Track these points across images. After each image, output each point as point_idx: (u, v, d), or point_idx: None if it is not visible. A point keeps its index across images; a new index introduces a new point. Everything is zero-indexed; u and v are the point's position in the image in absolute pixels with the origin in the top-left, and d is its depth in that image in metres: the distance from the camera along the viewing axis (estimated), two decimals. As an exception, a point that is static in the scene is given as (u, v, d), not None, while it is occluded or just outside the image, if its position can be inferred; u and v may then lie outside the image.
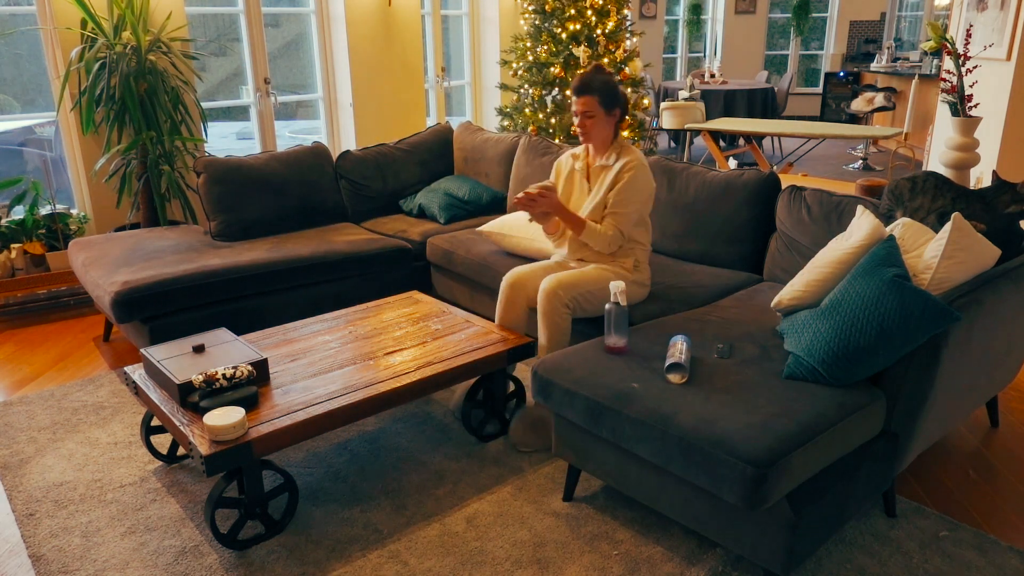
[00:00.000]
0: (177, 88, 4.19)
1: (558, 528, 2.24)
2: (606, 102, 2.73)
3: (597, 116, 2.74)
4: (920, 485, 2.44)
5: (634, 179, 2.72)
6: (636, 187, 2.73)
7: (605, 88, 2.73)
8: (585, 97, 2.72)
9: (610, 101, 2.74)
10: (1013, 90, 4.49)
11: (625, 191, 2.73)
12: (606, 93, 2.73)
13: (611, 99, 2.74)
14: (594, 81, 2.72)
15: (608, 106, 2.74)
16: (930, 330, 1.94)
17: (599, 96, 2.72)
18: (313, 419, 2.18)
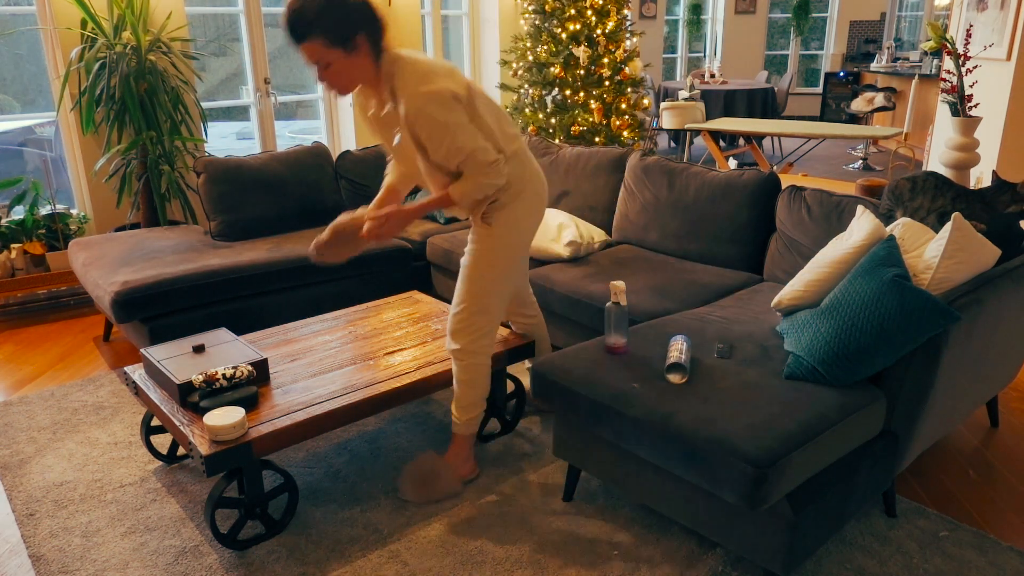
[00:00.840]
0: (177, 88, 4.19)
1: (558, 528, 2.24)
2: (336, 37, 1.97)
3: (334, 61, 2.01)
4: (920, 485, 2.44)
5: (425, 119, 2.05)
6: (436, 123, 2.06)
7: (326, 17, 1.94)
8: (305, 45, 1.98)
9: (340, 32, 1.96)
10: (1013, 90, 4.49)
11: (432, 136, 2.08)
12: (331, 25, 1.95)
13: (341, 29, 1.96)
14: (306, 13, 1.94)
15: (341, 41, 1.98)
16: (930, 330, 1.94)
17: (323, 34, 1.96)
18: (313, 419, 2.18)
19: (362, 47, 2.02)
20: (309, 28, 1.96)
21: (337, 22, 1.96)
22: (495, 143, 2.21)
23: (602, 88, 5.42)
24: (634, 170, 3.51)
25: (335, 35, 1.97)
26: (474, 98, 2.17)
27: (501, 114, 2.30)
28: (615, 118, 5.46)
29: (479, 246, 2.32)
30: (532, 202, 2.34)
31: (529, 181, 2.33)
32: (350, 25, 1.98)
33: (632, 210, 3.49)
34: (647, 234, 3.43)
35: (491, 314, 2.36)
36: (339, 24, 1.96)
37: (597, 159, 3.69)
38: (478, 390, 2.41)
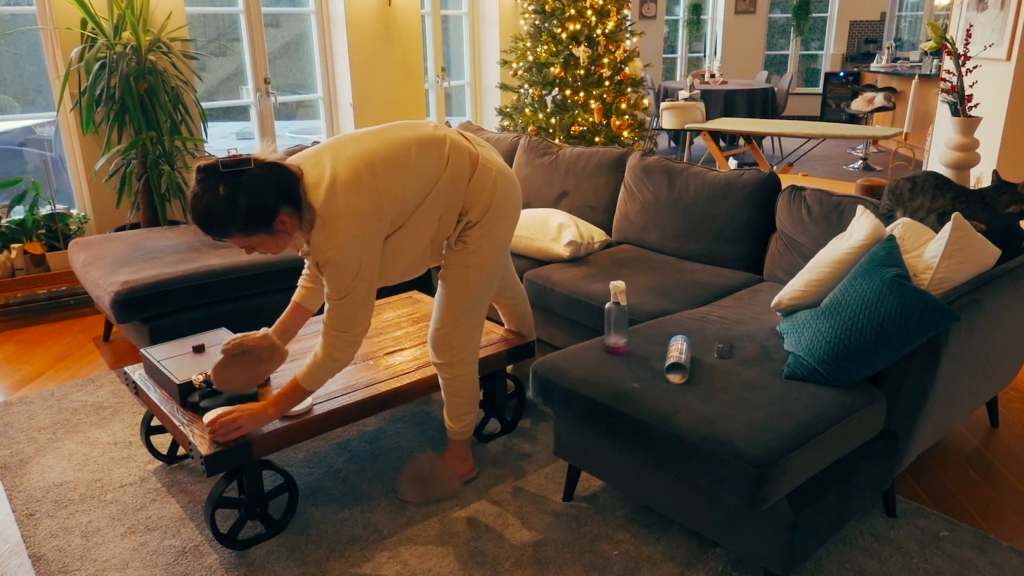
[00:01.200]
0: (177, 88, 4.19)
1: (558, 528, 2.24)
2: (254, 224, 1.84)
3: (261, 242, 1.91)
4: (920, 485, 2.44)
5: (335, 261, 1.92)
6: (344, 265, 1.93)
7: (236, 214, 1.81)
8: (228, 238, 1.86)
9: (258, 220, 1.84)
10: (1013, 90, 4.49)
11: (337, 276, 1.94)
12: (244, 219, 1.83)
13: (257, 218, 1.84)
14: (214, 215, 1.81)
15: (260, 225, 1.85)
16: (930, 330, 1.94)
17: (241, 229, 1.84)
18: (313, 419, 2.18)
19: (287, 221, 1.89)
20: (224, 230, 1.84)
21: (250, 215, 1.82)
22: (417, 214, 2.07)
23: (602, 88, 5.42)
24: (634, 170, 3.51)
25: (253, 226, 1.85)
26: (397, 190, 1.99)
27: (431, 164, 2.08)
28: (615, 118, 5.46)
29: (457, 264, 2.23)
30: (504, 209, 2.23)
31: (495, 192, 2.20)
32: (266, 211, 1.84)
33: (632, 210, 3.49)
34: (647, 234, 3.43)
35: (473, 324, 2.30)
36: (253, 216, 1.83)
37: (597, 159, 3.69)
38: (467, 398, 2.38)
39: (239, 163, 1.82)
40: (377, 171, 1.97)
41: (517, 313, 2.77)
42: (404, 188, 2.02)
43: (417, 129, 2.11)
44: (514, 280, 2.74)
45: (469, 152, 2.18)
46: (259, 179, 1.83)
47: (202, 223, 1.83)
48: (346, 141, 2.03)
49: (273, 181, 1.85)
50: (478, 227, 2.20)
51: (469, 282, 2.25)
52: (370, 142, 2.02)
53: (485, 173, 2.18)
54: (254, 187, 1.82)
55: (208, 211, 1.81)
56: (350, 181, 1.92)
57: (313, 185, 1.91)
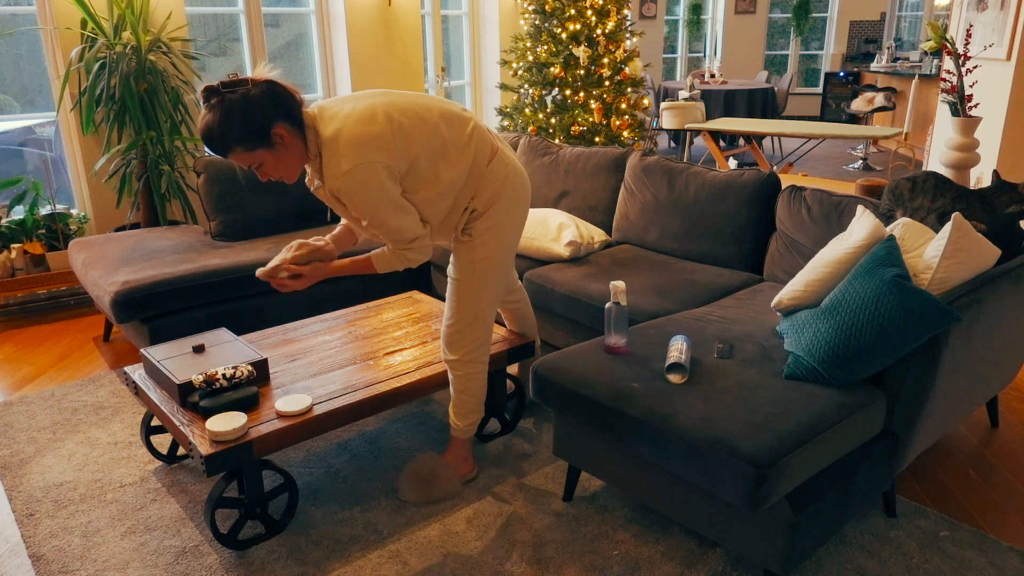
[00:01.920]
0: (177, 88, 4.19)
1: (558, 528, 2.24)
2: (253, 141, 1.93)
3: (265, 160, 1.97)
4: (920, 485, 2.44)
5: (350, 192, 1.98)
6: (359, 193, 1.99)
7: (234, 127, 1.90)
8: (231, 156, 1.96)
9: (252, 133, 1.91)
10: (1013, 90, 4.49)
11: (356, 204, 2.01)
12: (239, 131, 1.90)
13: (251, 131, 1.91)
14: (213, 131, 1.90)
15: (261, 141, 1.93)
16: (930, 330, 1.94)
17: (239, 144, 1.92)
18: (313, 419, 2.18)
19: (284, 135, 1.96)
20: (225, 144, 1.93)
21: (246, 126, 1.90)
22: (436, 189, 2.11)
23: (602, 88, 5.42)
24: (634, 170, 3.51)
25: (251, 139, 1.93)
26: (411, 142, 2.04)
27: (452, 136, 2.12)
28: (615, 118, 5.46)
29: (463, 259, 2.27)
30: (512, 204, 2.25)
31: (505, 185, 2.23)
32: (260, 123, 1.92)
33: (632, 210, 3.49)
34: (647, 234, 3.43)
35: (485, 323, 2.33)
36: (248, 127, 1.91)
37: (597, 159, 3.69)
38: (476, 397, 2.40)
39: (236, 83, 1.92)
40: (392, 117, 2.03)
41: (519, 315, 2.77)
42: (420, 143, 2.06)
43: (446, 103, 2.18)
44: (516, 283, 2.75)
45: (491, 141, 2.23)
46: (253, 96, 1.91)
47: (206, 140, 1.93)
48: (376, 91, 2.11)
49: (267, 96, 1.93)
50: (483, 219, 2.22)
51: (476, 277, 2.27)
52: (397, 97, 2.10)
53: (501, 164, 2.23)
54: (248, 102, 1.90)
55: (209, 128, 1.90)
56: (363, 115, 2.00)
57: (329, 117, 2.00)
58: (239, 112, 1.89)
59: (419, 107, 2.10)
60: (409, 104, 2.09)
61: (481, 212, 2.22)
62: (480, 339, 2.33)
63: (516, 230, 2.31)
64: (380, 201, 2.01)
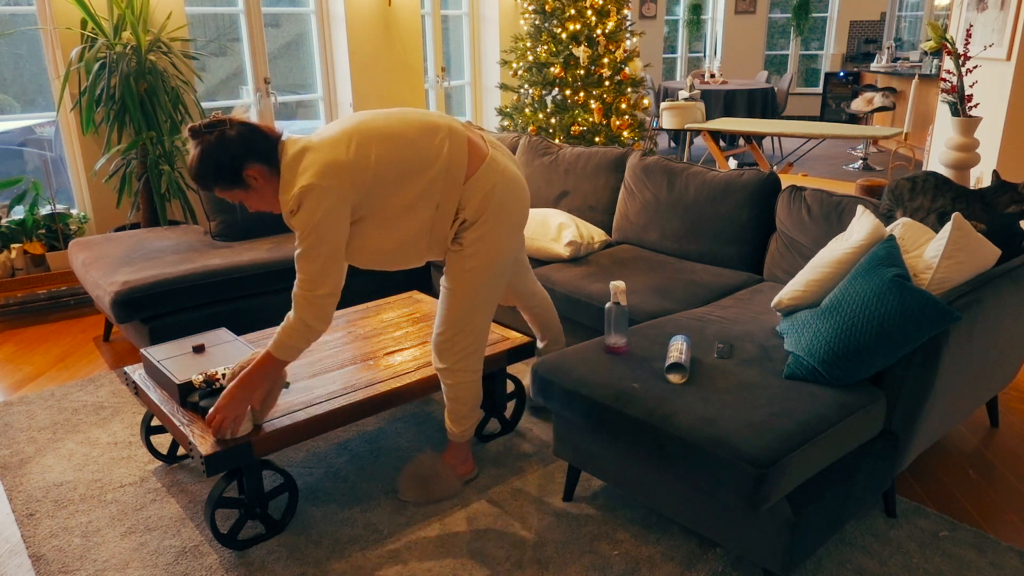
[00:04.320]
0: (177, 88, 4.20)
1: (558, 528, 2.24)
2: (222, 179, 2.00)
3: (244, 197, 2.06)
4: (920, 485, 2.44)
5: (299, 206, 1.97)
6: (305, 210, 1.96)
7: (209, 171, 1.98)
8: (216, 192, 2.04)
9: (223, 175, 1.99)
10: (1013, 90, 4.49)
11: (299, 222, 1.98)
12: (216, 171, 1.98)
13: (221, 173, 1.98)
14: (194, 172, 2.00)
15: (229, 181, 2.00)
16: (930, 330, 1.94)
17: (216, 181, 2.00)
18: (313, 419, 2.18)
19: (258, 177, 2.00)
20: (205, 183, 2.02)
21: (219, 170, 1.98)
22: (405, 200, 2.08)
23: (602, 88, 5.42)
24: (634, 170, 3.51)
25: (225, 180, 2.00)
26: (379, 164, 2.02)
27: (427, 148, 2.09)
28: (615, 118, 5.46)
29: (454, 269, 2.21)
30: (502, 213, 2.18)
31: (493, 193, 2.16)
32: (232, 167, 1.98)
33: (632, 210, 3.49)
34: (647, 234, 3.43)
35: (476, 332, 2.28)
36: (222, 171, 1.98)
37: (597, 159, 3.69)
38: (467, 405, 2.36)
39: (215, 124, 1.99)
40: (361, 143, 2.03)
41: (541, 319, 2.78)
42: (390, 159, 2.05)
43: (424, 115, 2.17)
44: (534, 288, 2.73)
45: (476, 148, 2.17)
46: (227, 139, 1.98)
47: (192, 178, 2.03)
48: (357, 115, 2.14)
49: (239, 140, 1.98)
50: (473, 229, 2.17)
51: (466, 287, 2.22)
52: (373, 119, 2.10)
53: (489, 172, 2.16)
54: (222, 146, 1.97)
55: (190, 168, 2.01)
56: (329, 141, 2.02)
57: (301, 147, 2.02)
58: (213, 156, 1.97)
59: (395, 123, 2.09)
60: (385, 124, 2.08)
61: (472, 222, 2.16)
62: (469, 348, 2.27)
63: (509, 239, 2.23)
64: (320, 226, 1.96)
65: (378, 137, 2.05)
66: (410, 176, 2.07)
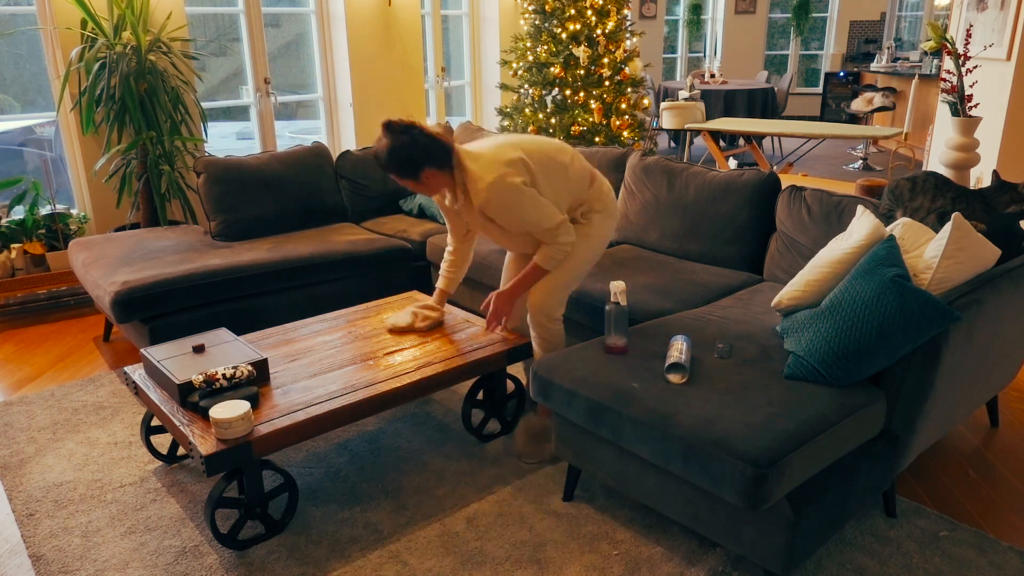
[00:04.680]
0: (177, 88, 4.19)
1: (558, 528, 2.24)
2: (406, 173, 2.43)
3: (412, 185, 2.48)
4: (920, 485, 2.44)
5: (498, 204, 2.43)
6: (506, 203, 2.43)
7: (394, 163, 2.41)
8: (392, 175, 2.48)
9: (408, 171, 2.42)
10: (1013, 90, 4.49)
11: (508, 217, 2.47)
12: (399, 167, 2.42)
13: (408, 169, 2.41)
14: (380, 159, 2.43)
15: (411, 175, 2.43)
16: (930, 330, 1.94)
17: (395, 172, 2.44)
18: (313, 419, 2.18)
19: (431, 177, 2.44)
20: (385, 169, 2.46)
21: (402, 166, 2.42)
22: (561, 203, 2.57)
23: (602, 88, 5.42)
24: (634, 170, 3.51)
25: (404, 173, 2.44)
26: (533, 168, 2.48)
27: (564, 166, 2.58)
28: (615, 118, 5.46)
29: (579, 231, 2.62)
30: (614, 215, 2.70)
31: (611, 199, 2.70)
32: (413, 165, 2.41)
33: (632, 210, 3.49)
34: (647, 234, 3.43)
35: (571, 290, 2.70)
36: (404, 166, 2.42)
37: (597, 159, 3.69)
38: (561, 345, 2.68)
39: (408, 127, 2.42)
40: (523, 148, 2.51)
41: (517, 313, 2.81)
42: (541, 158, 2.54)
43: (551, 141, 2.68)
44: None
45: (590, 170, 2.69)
46: (416, 143, 2.40)
47: (377, 162, 2.45)
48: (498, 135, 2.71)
49: (425, 147, 2.40)
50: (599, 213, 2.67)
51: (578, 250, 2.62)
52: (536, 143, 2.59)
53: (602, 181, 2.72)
54: (411, 147, 2.40)
55: (377, 154, 2.44)
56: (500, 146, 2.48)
57: (474, 154, 2.46)
58: (402, 154, 2.40)
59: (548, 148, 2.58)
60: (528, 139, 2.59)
61: (598, 210, 2.66)
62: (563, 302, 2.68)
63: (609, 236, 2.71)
64: (522, 204, 2.43)
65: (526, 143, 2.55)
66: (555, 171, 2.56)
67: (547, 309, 2.61)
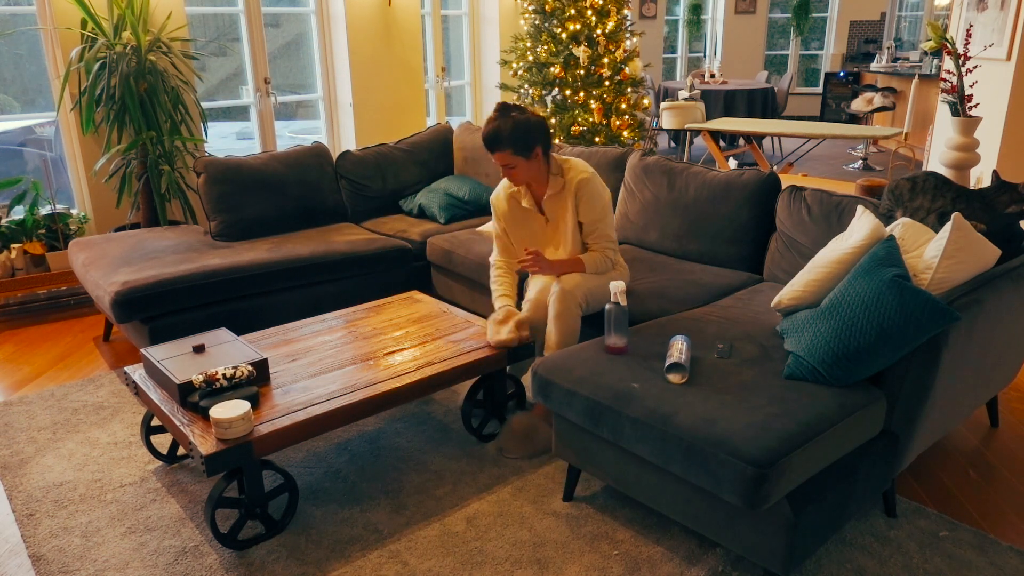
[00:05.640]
0: (177, 88, 4.19)
1: (558, 528, 2.24)
2: (521, 149, 2.63)
3: (518, 165, 2.66)
4: (920, 485, 2.44)
5: (592, 190, 2.71)
6: (597, 194, 2.72)
7: (515, 136, 2.61)
8: (498, 153, 2.64)
9: (524, 146, 2.63)
10: (1013, 90, 4.49)
11: (592, 205, 2.72)
12: (517, 141, 2.61)
13: (524, 144, 2.62)
14: (501, 133, 2.61)
15: (524, 151, 2.63)
16: (930, 330, 1.94)
17: (511, 147, 2.62)
18: (313, 419, 2.18)
19: (539, 155, 2.68)
20: (502, 144, 2.62)
21: (521, 139, 2.61)
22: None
23: (602, 88, 5.42)
24: (634, 170, 3.51)
25: (519, 148, 2.63)
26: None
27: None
28: (615, 118, 5.46)
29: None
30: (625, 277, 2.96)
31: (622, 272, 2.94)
32: (531, 141, 2.63)
33: (632, 210, 3.49)
34: (647, 234, 3.43)
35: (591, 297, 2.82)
36: (523, 140, 2.62)
37: (597, 159, 3.69)
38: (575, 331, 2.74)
39: (523, 109, 2.67)
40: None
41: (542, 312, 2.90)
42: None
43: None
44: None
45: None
46: (533, 121, 2.65)
47: (488, 137, 2.63)
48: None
49: (541, 127, 2.67)
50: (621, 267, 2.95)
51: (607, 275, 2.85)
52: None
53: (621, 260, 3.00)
54: (529, 123, 2.63)
55: (498, 130, 2.61)
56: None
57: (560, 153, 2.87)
58: (526, 127, 2.62)
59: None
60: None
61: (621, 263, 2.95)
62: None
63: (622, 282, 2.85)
64: (607, 203, 2.75)
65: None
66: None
67: (577, 295, 2.69)
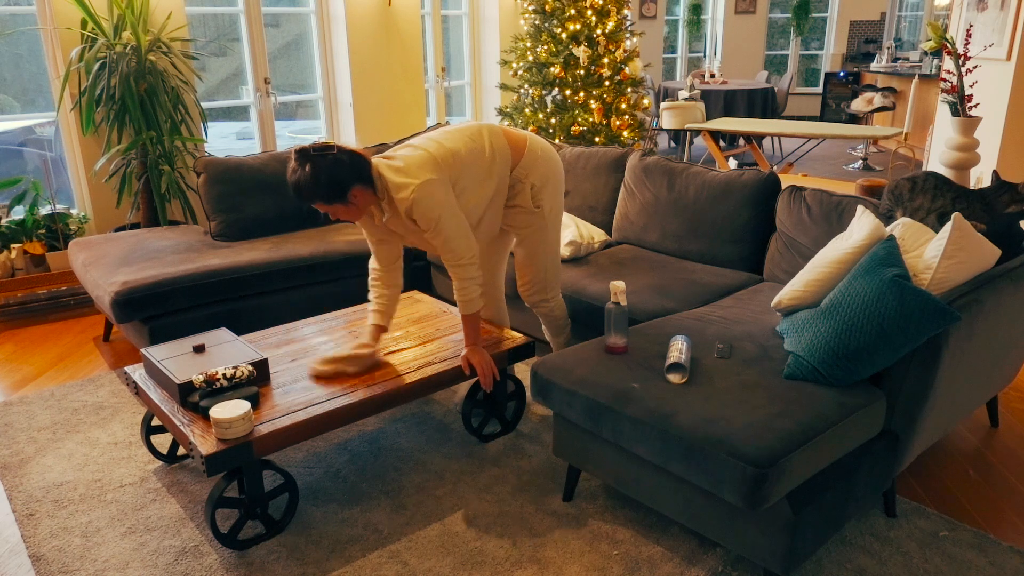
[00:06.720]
0: (177, 88, 4.20)
1: (558, 528, 2.24)
2: (333, 197, 2.26)
3: (339, 210, 2.31)
4: (920, 485, 2.44)
5: (421, 210, 2.31)
6: (427, 209, 2.31)
7: (319, 187, 2.23)
8: (313, 204, 2.30)
9: (335, 193, 2.25)
10: (1013, 90, 4.50)
11: (427, 224, 2.34)
12: (324, 191, 2.24)
13: (333, 192, 2.24)
14: (303, 186, 2.23)
15: (339, 198, 2.26)
16: (930, 330, 1.94)
17: (321, 199, 2.26)
18: (313, 419, 2.18)
19: (359, 195, 2.30)
20: (310, 198, 2.27)
21: (327, 188, 2.25)
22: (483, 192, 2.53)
23: (602, 88, 5.42)
24: (634, 170, 3.51)
25: (330, 197, 2.27)
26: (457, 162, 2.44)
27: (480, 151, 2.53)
28: (615, 118, 5.46)
29: (535, 224, 2.66)
30: (558, 176, 2.70)
31: (547, 162, 2.65)
32: (341, 186, 2.26)
33: (632, 210, 3.49)
34: (647, 234, 3.43)
35: (557, 266, 2.80)
36: (329, 189, 2.25)
37: (597, 159, 3.69)
38: (563, 317, 2.89)
39: (324, 148, 2.26)
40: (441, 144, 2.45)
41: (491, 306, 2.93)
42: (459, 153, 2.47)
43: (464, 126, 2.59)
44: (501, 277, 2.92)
45: (514, 135, 2.62)
46: (337, 161, 2.24)
47: (294, 192, 2.28)
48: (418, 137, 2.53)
49: (347, 164, 2.26)
50: (545, 188, 2.64)
51: (545, 235, 2.70)
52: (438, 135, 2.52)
53: (538, 145, 2.66)
54: (332, 167, 2.24)
55: (298, 183, 2.25)
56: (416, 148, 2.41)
57: (392, 160, 2.38)
58: (327, 176, 2.23)
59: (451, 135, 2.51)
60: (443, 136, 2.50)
61: (541, 186, 2.63)
62: (556, 280, 2.82)
63: (561, 192, 2.74)
64: (444, 212, 2.34)
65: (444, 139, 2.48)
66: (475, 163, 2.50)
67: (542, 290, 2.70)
